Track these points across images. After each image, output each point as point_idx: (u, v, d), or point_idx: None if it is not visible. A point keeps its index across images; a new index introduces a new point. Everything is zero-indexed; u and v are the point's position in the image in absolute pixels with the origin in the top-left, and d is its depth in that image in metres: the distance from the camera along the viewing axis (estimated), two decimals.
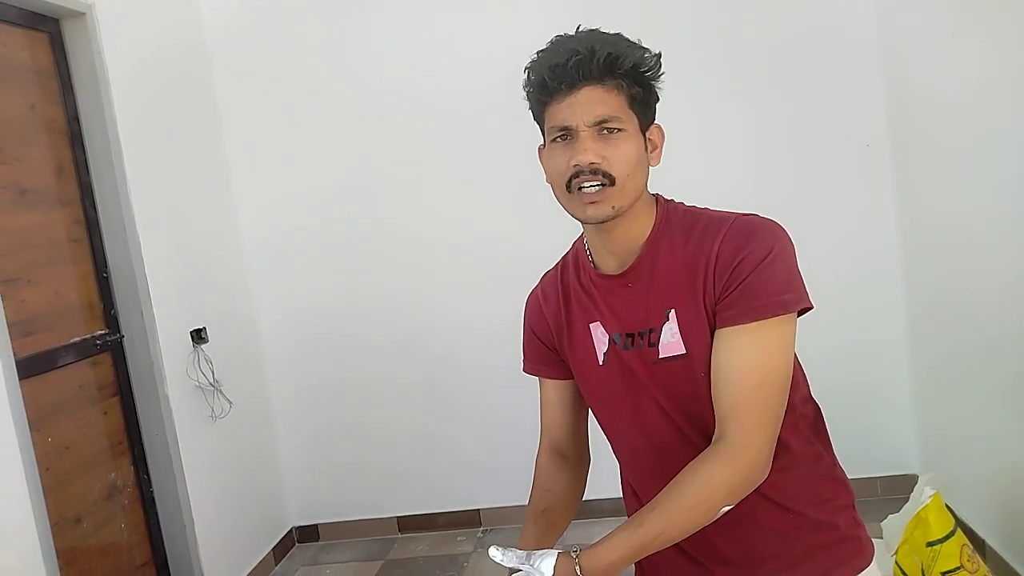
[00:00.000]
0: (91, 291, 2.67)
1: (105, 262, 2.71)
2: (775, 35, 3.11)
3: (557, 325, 1.25)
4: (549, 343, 1.28)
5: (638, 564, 1.29)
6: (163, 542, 2.83)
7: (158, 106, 2.94)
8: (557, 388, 1.30)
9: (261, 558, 3.29)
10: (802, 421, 1.17)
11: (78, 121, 2.65)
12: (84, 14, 2.58)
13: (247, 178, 3.42)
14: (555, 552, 1.02)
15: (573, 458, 1.31)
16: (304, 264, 3.45)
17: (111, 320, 2.71)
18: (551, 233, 3.56)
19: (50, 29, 2.57)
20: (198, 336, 2.98)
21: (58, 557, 2.21)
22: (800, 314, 1.09)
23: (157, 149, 2.90)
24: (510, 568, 1.05)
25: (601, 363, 1.18)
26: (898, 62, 2.97)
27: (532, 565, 1.01)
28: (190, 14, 3.26)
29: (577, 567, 1.00)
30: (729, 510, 1.06)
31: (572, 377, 1.27)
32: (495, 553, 1.04)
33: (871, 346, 3.19)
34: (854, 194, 3.14)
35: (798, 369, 1.16)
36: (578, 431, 1.32)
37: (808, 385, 1.21)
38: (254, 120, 3.39)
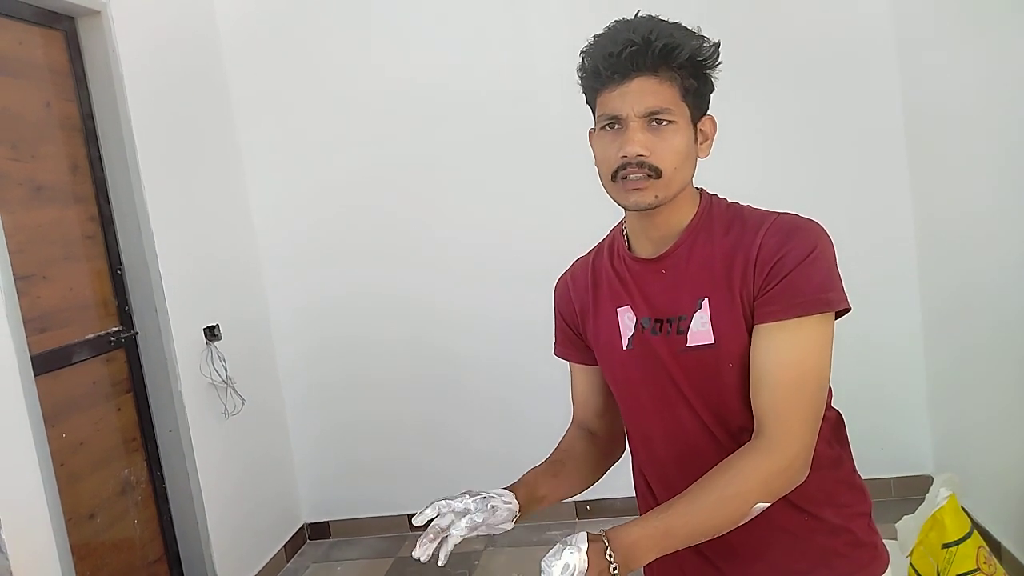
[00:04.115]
0: (105, 288, 2.68)
1: (119, 259, 2.72)
2: (789, 30, 3.10)
3: (583, 309, 1.25)
4: (575, 327, 1.28)
5: None
6: (175, 538, 2.85)
7: (172, 103, 2.95)
8: (585, 373, 1.30)
9: (273, 555, 3.30)
10: (824, 424, 1.14)
11: (92, 118, 2.66)
12: (99, 12, 2.59)
13: (260, 175, 3.43)
14: (585, 532, 1.00)
15: (602, 437, 1.31)
16: (316, 261, 3.46)
17: (125, 317, 2.72)
18: (564, 231, 3.55)
19: (65, 27, 2.58)
20: (211, 333, 2.99)
21: (72, 552, 2.22)
22: (838, 316, 1.08)
23: (171, 146, 2.91)
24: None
25: (625, 347, 1.17)
26: (913, 58, 2.94)
27: (566, 540, 0.98)
28: (203, 12, 3.27)
29: (605, 539, 0.99)
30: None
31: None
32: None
33: (885, 345, 3.16)
34: (869, 192, 3.12)
35: None
36: (607, 414, 1.31)
37: (832, 394, 1.19)
38: (267, 117, 3.39)
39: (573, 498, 1.31)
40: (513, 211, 3.32)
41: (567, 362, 1.33)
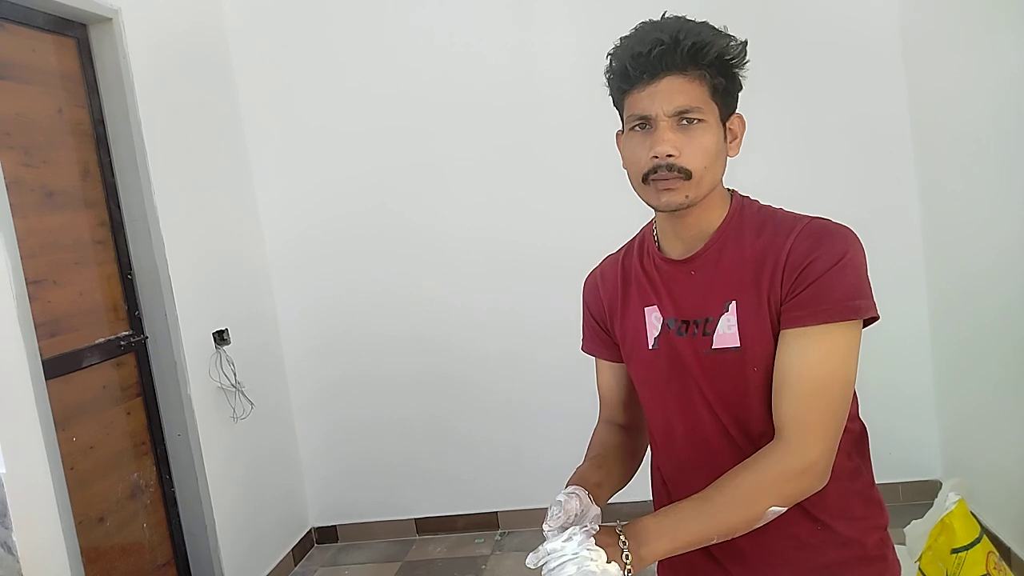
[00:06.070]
0: (115, 292, 2.70)
1: (130, 263, 2.74)
2: (796, 33, 3.10)
3: (611, 306, 1.26)
4: (603, 324, 1.29)
5: None
6: (184, 542, 2.86)
7: (181, 109, 2.97)
8: (612, 369, 1.31)
9: (280, 559, 3.31)
10: (846, 436, 1.13)
11: (103, 124, 2.68)
12: (111, 19, 2.62)
13: (268, 178, 3.45)
14: (592, 530, 0.98)
15: (630, 429, 1.32)
16: (325, 266, 3.47)
17: (135, 321, 2.74)
18: (569, 230, 3.53)
19: (77, 34, 2.61)
20: (220, 337, 3.00)
21: (82, 555, 2.24)
22: (866, 324, 1.08)
23: (181, 151, 2.93)
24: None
25: (651, 347, 1.18)
26: (919, 60, 2.94)
27: (581, 544, 0.96)
28: (213, 19, 3.29)
29: (622, 541, 0.98)
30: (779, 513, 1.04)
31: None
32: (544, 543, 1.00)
33: (893, 350, 3.14)
34: (875, 194, 3.11)
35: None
36: (632, 407, 1.32)
37: (858, 405, 1.19)
38: (275, 122, 3.41)
39: None
40: (520, 209, 3.32)
41: (593, 358, 1.34)
